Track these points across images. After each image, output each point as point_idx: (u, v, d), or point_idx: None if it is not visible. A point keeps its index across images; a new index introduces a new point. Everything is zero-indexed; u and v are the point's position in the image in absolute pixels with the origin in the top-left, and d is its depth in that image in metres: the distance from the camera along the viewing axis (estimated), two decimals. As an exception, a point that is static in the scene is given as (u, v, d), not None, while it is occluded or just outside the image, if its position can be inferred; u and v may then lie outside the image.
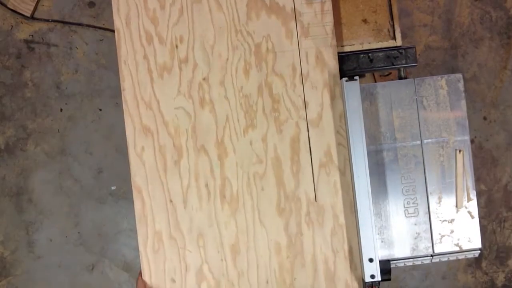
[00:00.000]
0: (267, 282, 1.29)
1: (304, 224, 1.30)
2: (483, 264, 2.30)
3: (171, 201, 1.30)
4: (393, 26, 1.39)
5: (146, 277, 1.30)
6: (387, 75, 2.22)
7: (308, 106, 1.31)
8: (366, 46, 1.38)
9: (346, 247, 1.30)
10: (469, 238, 1.32)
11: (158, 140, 1.31)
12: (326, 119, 1.31)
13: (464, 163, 1.33)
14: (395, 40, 1.39)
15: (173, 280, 1.30)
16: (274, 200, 1.30)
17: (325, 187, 1.30)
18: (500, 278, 2.30)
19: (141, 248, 1.30)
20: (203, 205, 1.30)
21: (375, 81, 2.16)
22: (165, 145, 1.31)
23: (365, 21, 1.39)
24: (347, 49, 1.39)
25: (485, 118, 2.31)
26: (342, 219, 1.30)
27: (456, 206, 1.32)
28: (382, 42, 1.39)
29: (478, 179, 2.26)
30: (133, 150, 1.31)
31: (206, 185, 1.31)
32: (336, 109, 1.31)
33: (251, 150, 1.31)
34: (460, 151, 1.32)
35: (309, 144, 1.31)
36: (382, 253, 1.32)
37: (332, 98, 1.31)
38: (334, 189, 1.30)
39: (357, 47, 1.39)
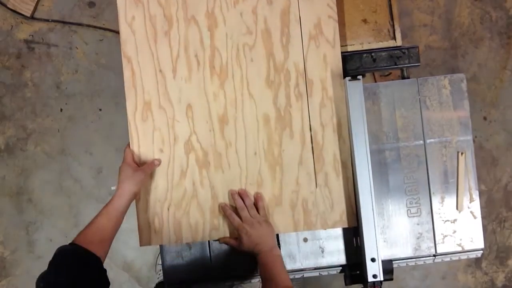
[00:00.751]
0: (255, 153, 1.30)
1: (293, 96, 1.30)
2: (483, 264, 2.30)
3: (160, 71, 1.30)
4: (393, 26, 1.39)
5: (134, 146, 1.30)
6: (387, 75, 2.23)
7: None
8: (366, 46, 1.39)
9: (334, 120, 1.30)
10: (472, 238, 1.32)
11: (149, 10, 1.31)
12: None
13: (466, 164, 1.33)
14: (395, 40, 1.39)
15: (161, 150, 1.30)
16: (263, 72, 1.31)
17: (315, 60, 1.30)
18: (500, 278, 2.30)
19: (129, 117, 1.30)
20: (192, 76, 1.31)
21: (375, 81, 2.16)
22: (156, 15, 1.31)
23: (365, 21, 1.39)
24: (347, 49, 1.39)
25: (485, 118, 2.31)
26: (330, 92, 1.30)
27: (457, 209, 1.32)
28: (382, 42, 1.39)
29: (478, 179, 2.25)
30: (123, 20, 1.31)
31: (196, 56, 1.31)
32: None
33: (241, 21, 1.31)
34: (462, 153, 1.32)
35: (299, 16, 1.31)
36: (385, 253, 1.32)
37: None
38: (323, 62, 1.30)
39: (357, 47, 1.39)
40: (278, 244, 1.32)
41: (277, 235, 1.32)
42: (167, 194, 1.30)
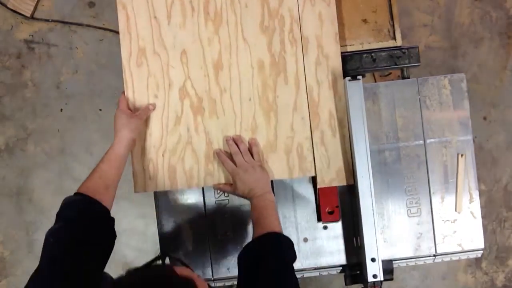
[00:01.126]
0: (249, 99, 1.30)
1: (288, 42, 1.30)
2: (483, 264, 2.29)
3: (155, 17, 1.30)
4: (393, 26, 1.39)
5: (128, 92, 1.31)
6: (387, 75, 2.22)
7: None
8: (366, 46, 1.39)
9: (330, 77, 1.30)
10: (472, 238, 1.33)
11: None
12: None
13: (466, 166, 1.33)
14: (395, 40, 1.39)
15: (156, 96, 1.30)
16: (257, 17, 1.30)
17: (310, 18, 1.30)
18: (500, 278, 2.30)
19: (124, 62, 1.30)
20: (187, 22, 1.30)
21: (375, 81, 2.16)
22: None
23: (365, 21, 1.39)
24: (347, 49, 1.38)
25: (485, 118, 2.31)
26: (326, 50, 1.30)
27: (456, 210, 1.32)
28: (382, 42, 1.39)
29: (478, 179, 2.25)
30: None
31: (190, 2, 1.30)
32: None
33: None
34: (462, 155, 1.32)
35: None
36: (385, 253, 1.32)
37: None
38: (318, 20, 1.30)
39: (357, 47, 1.39)
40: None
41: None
42: (161, 140, 1.30)
